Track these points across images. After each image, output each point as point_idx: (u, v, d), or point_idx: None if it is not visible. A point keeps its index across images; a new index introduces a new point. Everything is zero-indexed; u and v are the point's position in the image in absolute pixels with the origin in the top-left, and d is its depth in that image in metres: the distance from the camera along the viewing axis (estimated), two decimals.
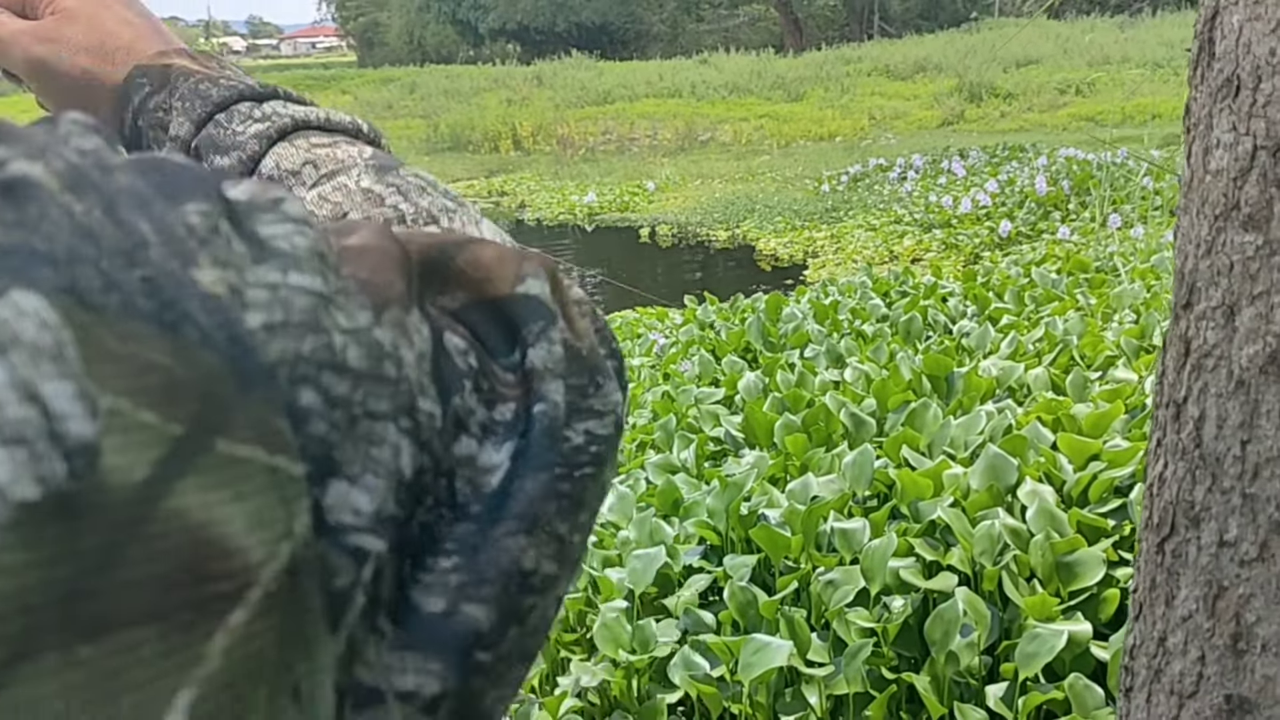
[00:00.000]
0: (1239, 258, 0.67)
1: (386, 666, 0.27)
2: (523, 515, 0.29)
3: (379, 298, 0.27)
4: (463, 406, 0.29)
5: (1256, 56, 0.65)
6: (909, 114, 17.29)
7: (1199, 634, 0.73)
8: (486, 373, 0.30)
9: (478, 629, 0.28)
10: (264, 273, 0.23)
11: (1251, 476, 0.68)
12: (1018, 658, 1.92)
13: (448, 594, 0.28)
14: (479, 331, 0.31)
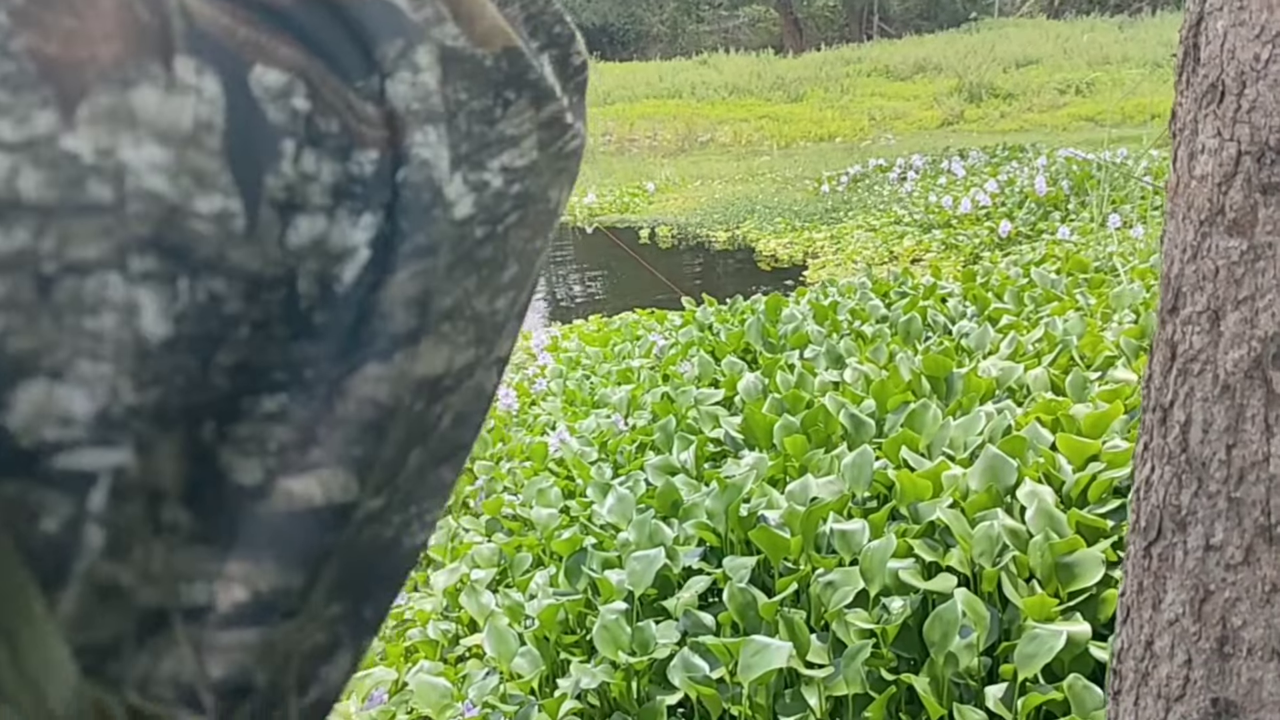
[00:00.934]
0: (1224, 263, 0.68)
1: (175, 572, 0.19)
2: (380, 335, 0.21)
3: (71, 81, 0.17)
4: (293, 176, 0.20)
5: (1241, 62, 0.65)
6: (909, 114, 17.30)
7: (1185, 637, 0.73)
8: (331, 106, 0.20)
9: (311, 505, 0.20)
10: None
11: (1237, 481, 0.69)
12: (1017, 659, 1.92)
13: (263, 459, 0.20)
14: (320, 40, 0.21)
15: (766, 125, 17.45)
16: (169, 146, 0.18)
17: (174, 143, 0.18)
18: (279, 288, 0.20)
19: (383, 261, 0.21)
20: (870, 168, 11.34)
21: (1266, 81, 0.63)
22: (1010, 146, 10.95)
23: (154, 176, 0.18)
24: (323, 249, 0.20)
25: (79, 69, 0.17)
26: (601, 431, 3.70)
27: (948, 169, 10.07)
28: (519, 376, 5.02)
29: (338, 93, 0.21)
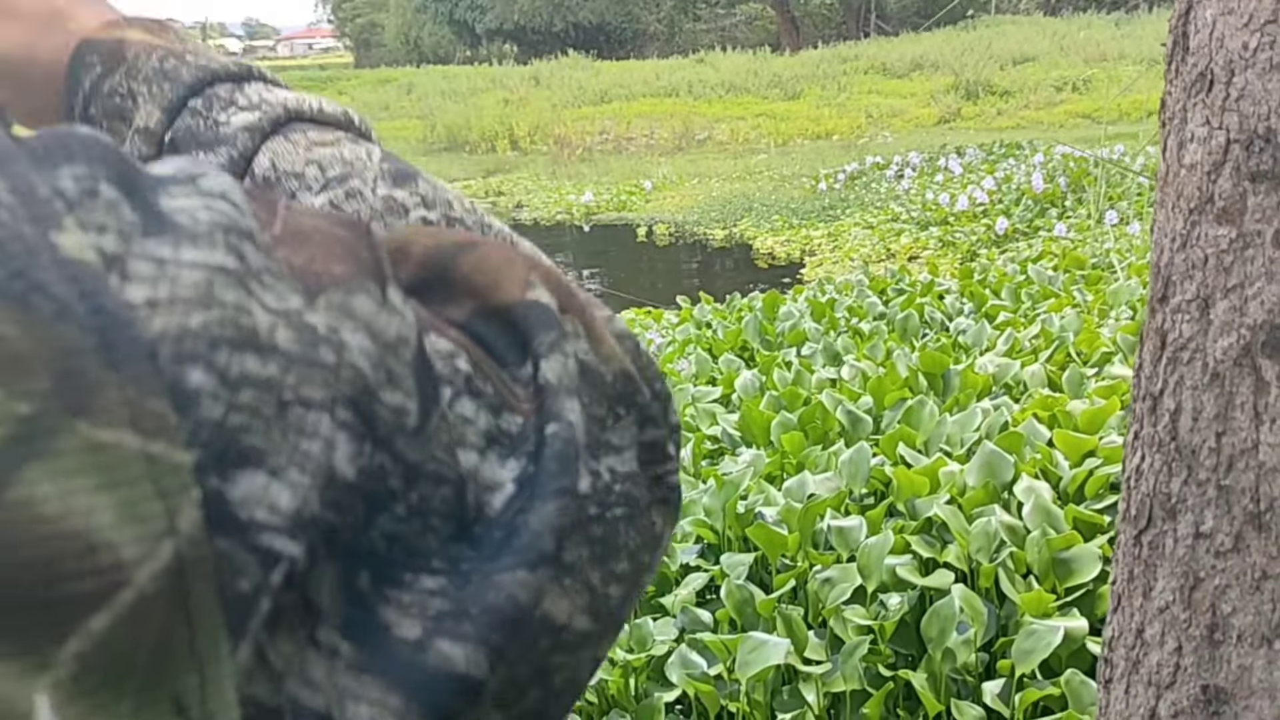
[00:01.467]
0: (1213, 251, 0.68)
1: (340, 689, 0.24)
2: (528, 549, 0.26)
3: (314, 281, 0.24)
4: (456, 414, 0.26)
5: (1229, 50, 0.65)
6: (906, 112, 17.30)
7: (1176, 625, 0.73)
8: (488, 376, 0.28)
9: (453, 670, 0.25)
10: (153, 246, 0.21)
11: (1226, 468, 0.69)
12: (1014, 654, 1.92)
13: (424, 621, 0.25)
14: (487, 340, 0.29)
15: (763, 123, 17.44)
16: (376, 342, 0.25)
17: (379, 341, 0.25)
18: (437, 486, 0.25)
19: (529, 496, 0.27)
20: (867, 165, 11.34)
21: (1255, 70, 0.64)
22: (1007, 144, 10.96)
23: (362, 358, 0.24)
24: (476, 478, 0.26)
25: (319, 276, 0.24)
26: None
27: (945, 166, 10.07)
28: None
29: (494, 370, 0.28)
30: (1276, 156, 0.63)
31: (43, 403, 0.18)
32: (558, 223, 11.73)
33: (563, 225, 11.61)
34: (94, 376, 0.19)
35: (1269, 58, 0.63)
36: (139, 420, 0.19)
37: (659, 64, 24.64)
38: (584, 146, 17.13)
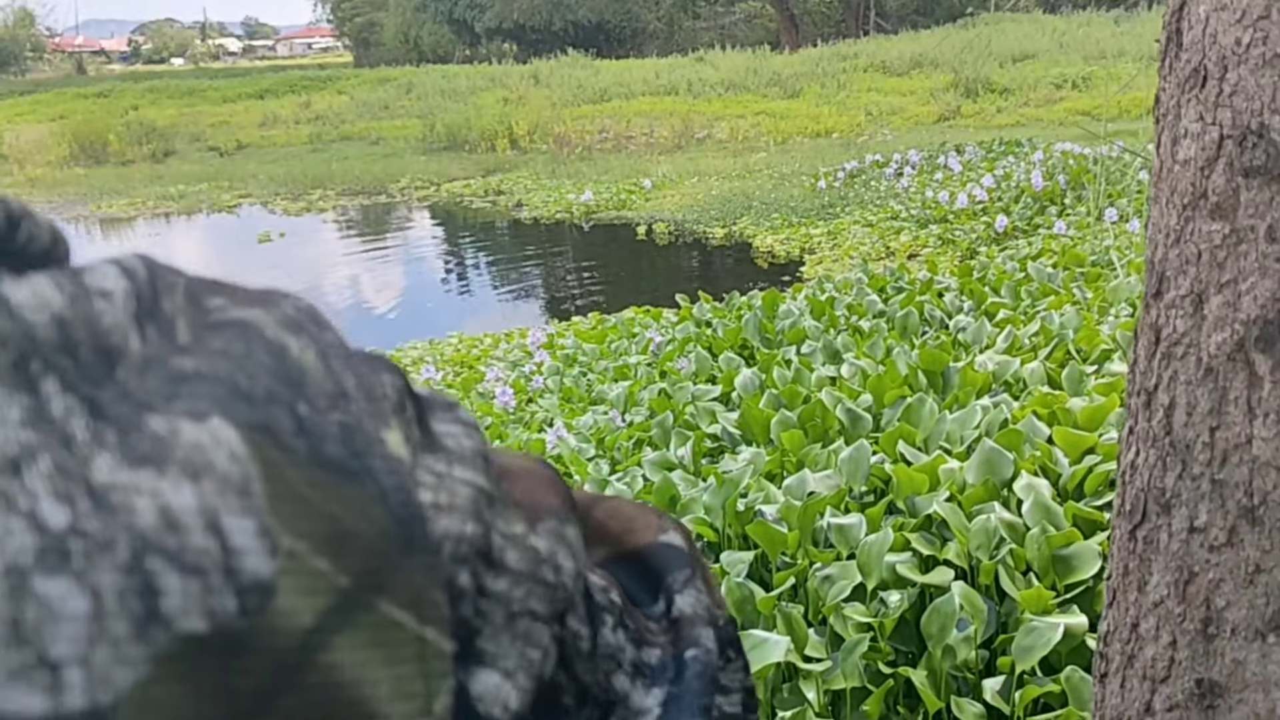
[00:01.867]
0: (1207, 246, 0.68)
1: None
2: None
3: (533, 510, 0.27)
4: (613, 641, 0.29)
5: (1223, 46, 0.65)
6: (905, 110, 17.29)
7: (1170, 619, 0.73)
8: (630, 613, 0.31)
9: None
10: (432, 461, 0.24)
11: (1220, 463, 0.69)
12: (1014, 651, 1.92)
13: None
14: (621, 580, 0.31)
15: (763, 121, 17.43)
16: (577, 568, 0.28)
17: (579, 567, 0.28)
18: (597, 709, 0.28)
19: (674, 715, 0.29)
20: (867, 163, 11.33)
21: (1248, 65, 0.64)
22: (1006, 141, 10.95)
23: (573, 580, 0.28)
24: (627, 703, 0.29)
25: (536, 506, 0.28)
26: (599, 428, 3.70)
27: (944, 164, 10.07)
28: (515, 374, 5.02)
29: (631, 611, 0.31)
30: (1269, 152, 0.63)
31: (357, 578, 0.20)
32: (557, 221, 11.73)
33: (562, 224, 11.60)
34: (395, 560, 0.21)
35: (1262, 53, 0.63)
36: (420, 606, 0.21)
37: (658, 62, 24.62)
38: (583, 145, 17.12)
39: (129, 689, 0.16)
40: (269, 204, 14.32)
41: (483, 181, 14.76)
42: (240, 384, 0.20)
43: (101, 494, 0.17)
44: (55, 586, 0.16)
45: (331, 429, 0.21)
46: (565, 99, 20.95)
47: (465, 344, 6.36)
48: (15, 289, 0.19)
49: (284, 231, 12.02)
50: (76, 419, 0.18)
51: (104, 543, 0.17)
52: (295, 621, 0.18)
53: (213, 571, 0.18)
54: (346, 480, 0.20)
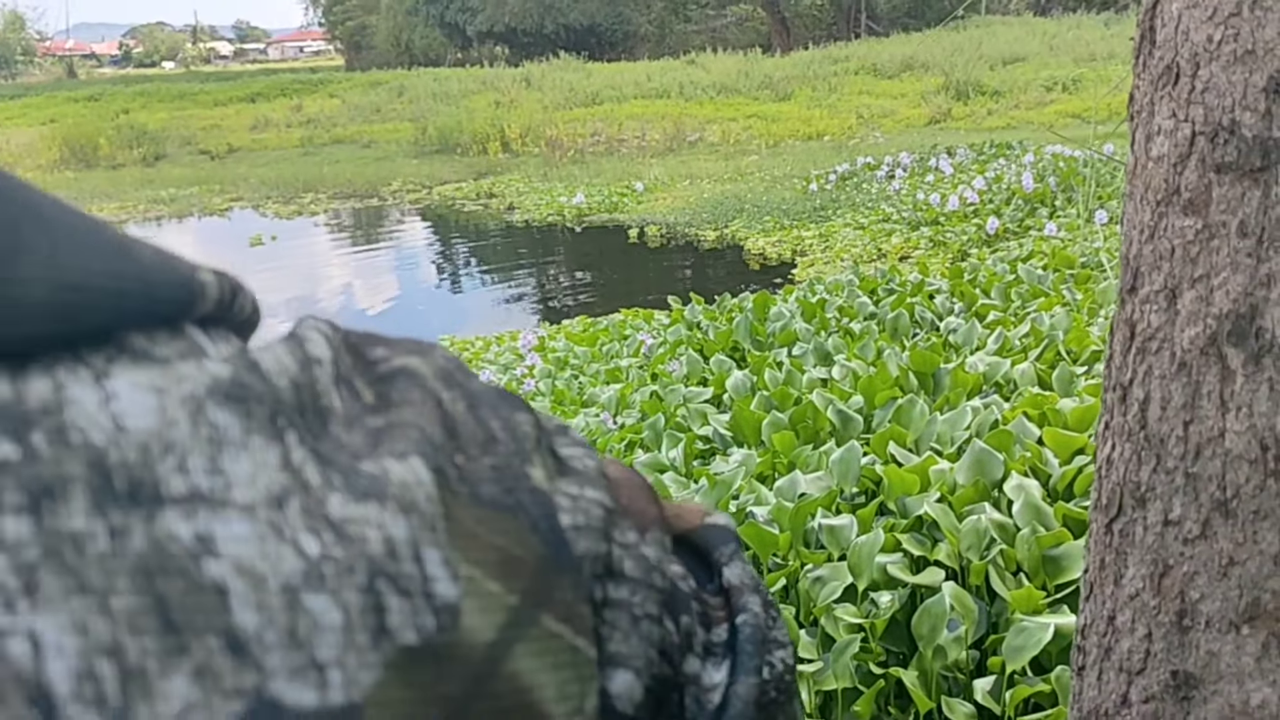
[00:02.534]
0: (1180, 242, 0.69)
1: None
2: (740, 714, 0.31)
3: (640, 520, 0.30)
4: (690, 626, 0.31)
5: (1195, 44, 0.66)
6: (896, 112, 17.33)
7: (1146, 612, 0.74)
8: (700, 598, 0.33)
9: None
10: (565, 484, 0.26)
11: (1194, 457, 0.70)
12: (1005, 651, 1.93)
13: None
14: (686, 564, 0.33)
15: (754, 124, 17.46)
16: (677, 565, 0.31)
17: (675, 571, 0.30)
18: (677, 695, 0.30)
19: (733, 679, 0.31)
20: (858, 166, 11.36)
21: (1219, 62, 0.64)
22: (997, 144, 10.99)
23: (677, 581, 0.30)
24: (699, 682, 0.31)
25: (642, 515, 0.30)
26: (590, 430, 3.70)
27: (935, 166, 10.10)
28: (507, 377, 5.02)
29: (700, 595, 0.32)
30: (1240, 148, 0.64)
31: (523, 597, 0.23)
32: (549, 224, 11.73)
33: (554, 227, 11.60)
34: (551, 579, 0.24)
35: (1233, 50, 0.64)
36: (572, 619, 0.24)
37: (650, 65, 24.65)
38: (575, 148, 17.13)
39: (370, 689, 0.20)
40: (260, 207, 14.30)
41: (474, 185, 14.75)
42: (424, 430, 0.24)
43: (339, 525, 0.21)
44: (318, 602, 0.20)
45: (486, 472, 0.24)
46: (557, 102, 20.96)
47: (456, 347, 6.36)
48: (263, 355, 0.23)
49: (275, 235, 12.00)
50: (310, 466, 0.21)
51: (348, 567, 0.20)
52: (479, 636, 0.22)
53: (417, 594, 0.21)
54: (504, 514, 0.24)
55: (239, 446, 0.20)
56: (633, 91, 21.37)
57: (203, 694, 0.18)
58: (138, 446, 0.19)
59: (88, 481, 0.19)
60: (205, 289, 0.23)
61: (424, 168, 16.69)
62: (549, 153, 16.96)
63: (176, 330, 0.22)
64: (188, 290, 0.22)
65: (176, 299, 0.22)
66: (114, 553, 0.18)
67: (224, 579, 0.19)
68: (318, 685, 0.19)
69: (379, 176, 15.96)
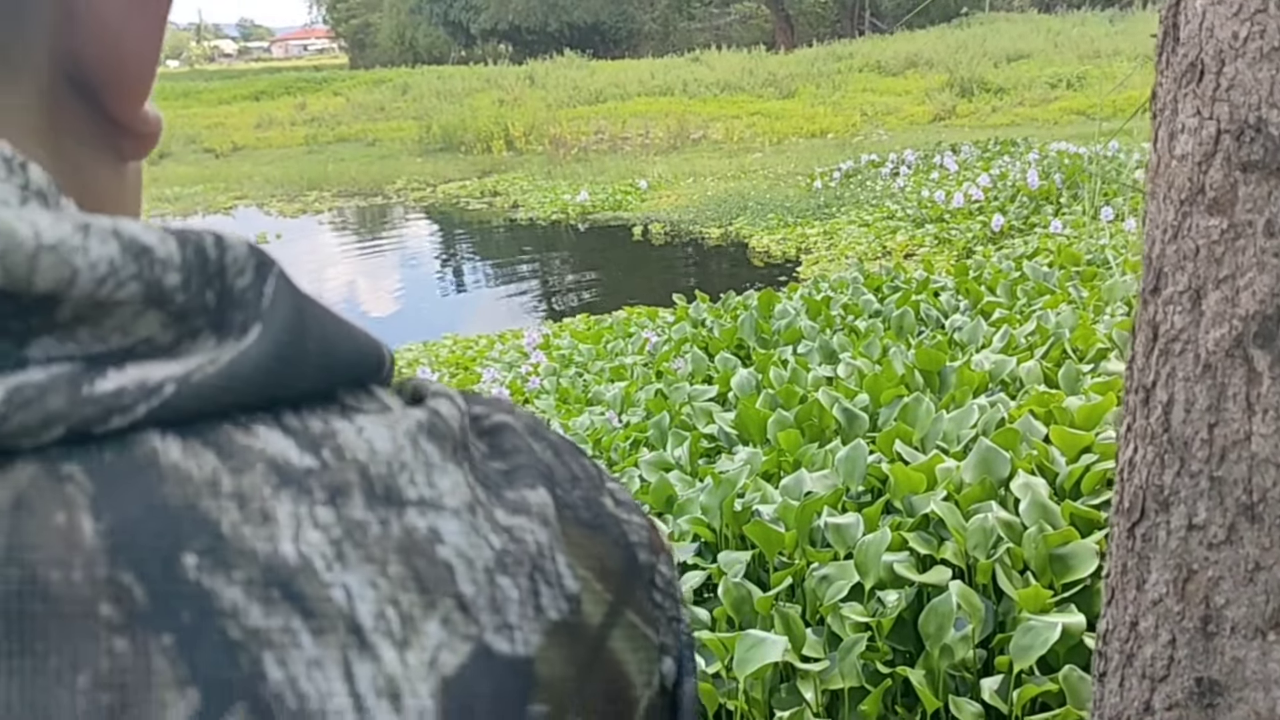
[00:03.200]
0: (1204, 242, 0.68)
1: None
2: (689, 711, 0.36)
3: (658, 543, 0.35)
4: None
5: (1219, 40, 0.65)
6: (901, 110, 17.30)
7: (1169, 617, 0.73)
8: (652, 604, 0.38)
9: None
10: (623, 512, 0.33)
11: (1219, 460, 0.69)
12: (1012, 650, 1.92)
13: None
14: None
15: (758, 122, 17.43)
16: None
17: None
18: None
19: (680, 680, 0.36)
20: (862, 163, 11.33)
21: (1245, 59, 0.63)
22: (1002, 141, 10.96)
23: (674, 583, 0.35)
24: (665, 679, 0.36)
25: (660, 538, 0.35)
26: (595, 428, 3.69)
27: (940, 164, 10.08)
28: (512, 375, 5.02)
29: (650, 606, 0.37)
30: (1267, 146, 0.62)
31: (616, 594, 0.30)
32: (553, 222, 11.72)
33: (558, 225, 11.60)
34: (631, 582, 0.31)
35: (1259, 47, 0.63)
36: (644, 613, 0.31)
37: (654, 63, 24.63)
38: (579, 146, 17.12)
39: (538, 648, 0.27)
40: (265, 206, 14.31)
41: (478, 183, 14.75)
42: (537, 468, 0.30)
43: (508, 530, 0.28)
44: (505, 581, 0.27)
45: (578, 501, 0.31)
46: (561, 100, 20.95)
47: (460, 345, 6.35)
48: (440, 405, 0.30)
49: (280, 233, 12.00)
50: (478, 488, 0.28)
51: (518, 559, 0.28)
52: (593, 620, 0.29)
53: (555, 584, 0.28)
54: (596, 533, 0.31)
55: (441, 469, 0.28)
56: (636, 89, 21.35)
57: (448, 636, 0.26)
58: (385, 463, 0.27)
59: (360, 485, 0.26)
60: (389, 358, 0.30)
61: (428, 166, 16.68)
62: (553, 151, 16.95)
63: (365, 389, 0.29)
64: (379, 358, 0.30)
65: (373, 365, 0.29)
66: (383, 535, 0.26)
67: (450, 559, 0.27)
68: (509, 640, 0.27)
69: (383, 175, 15.96)
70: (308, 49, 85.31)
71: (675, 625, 0.34)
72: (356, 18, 41.94)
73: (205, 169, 17.63)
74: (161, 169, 17.99)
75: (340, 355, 0.28)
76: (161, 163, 18.88)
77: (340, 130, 21.04)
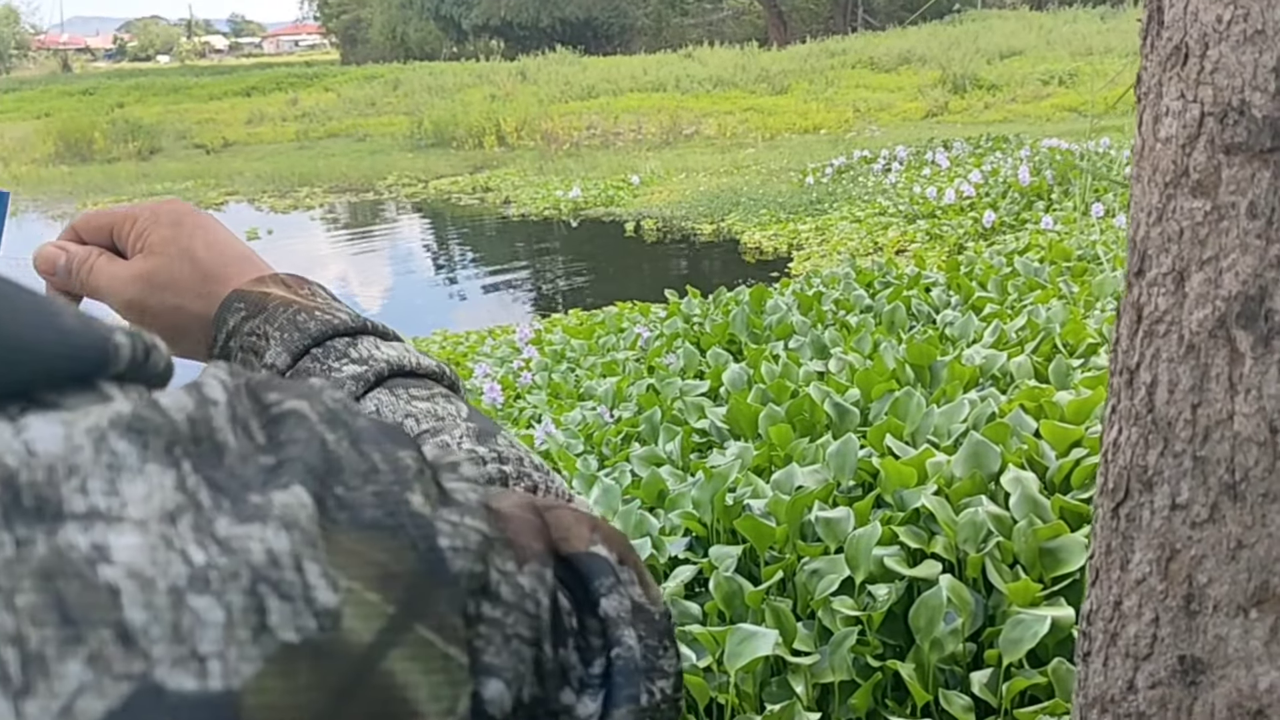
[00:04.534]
0: (1188, 224, 0.68)
1: None
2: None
3: (521, 553, 0.33)
4: (566, 659, 0.34)
5: (1204, 24, 0.65)
6: (893, 106, 17.33)
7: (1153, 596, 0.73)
8: (584, 631, 0.35)
9: None
10: (447, 513, 0.29)
11: (1202, 440, 0.69)
12: (1002, 644, 1.93)
13: None
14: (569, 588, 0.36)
15: (751, 118, 17.44)
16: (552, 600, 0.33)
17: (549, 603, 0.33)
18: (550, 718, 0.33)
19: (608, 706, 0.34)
20: (855, 159, 11.35)
21: (1229, 42, 0.64)
22: (994, 137, 10.99)
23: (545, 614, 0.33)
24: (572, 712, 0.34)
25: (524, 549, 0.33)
26: (587, 423, 3.69)
27: (932, 160, 10.09)
28: (503, 370, 5.01)
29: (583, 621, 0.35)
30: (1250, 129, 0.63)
31: (400, 607, 0.26)
32: (545, 218, 11.71)
33: (550, 220, 11.59)
34: (426, 593, 0.27)
35: (1242, 30, 0.63)
36: (445, 629, 0.27)
37: (646, 59, 24.61)
38: (571, 142, 17.10)
39: (251, 679, 0.23)
40: (256, 201, 14.27)
41: (470, 178, 14.73)
42: (307, 464, 0.27)
43: (225, 541, 0.24)
44: (202, 602, 0.23)
45: (368, 498, 0.27)
46: (553, 95, 20.92)
47: (451, 340, 6.35)
48: (163, 396, 0.26)
49: (271, 229, 11.97)
50: (203, 490, 0.25)
51: (231, 573, 0.23)
52: (359, 638, 0.25)
53: (298, 599, 0.24)
54: (385, 534, 0.27)
55: (134, 472, 0.24)
56: (629, 85, 21.34)
57: (95, 676, 0.21)
58: (44, 469, 0.23)
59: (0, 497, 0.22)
60: (119, 350, 0.26)
61: (419, 161, 16.65)
62: (545, 146, 16.93)
63: (89, 385, 0.26)
64: (101, 351, 0.26)
65: (92, 359, 0.26)
66: (19, 558, 0.22)
67: (117, 581, 0.22)
68: (198, 674, 0.22)
69: (374, 170, 15.93)
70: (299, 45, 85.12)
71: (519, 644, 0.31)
72: (348, 13, 41.82)
73: (196, 164, 17.57)
74: (152, 164, 17.93)
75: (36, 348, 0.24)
76: (152, 158, 18.82)
77: (331, 126, 20.99)
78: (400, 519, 0.27)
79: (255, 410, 0.28)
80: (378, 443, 0.29)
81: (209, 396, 0.27)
